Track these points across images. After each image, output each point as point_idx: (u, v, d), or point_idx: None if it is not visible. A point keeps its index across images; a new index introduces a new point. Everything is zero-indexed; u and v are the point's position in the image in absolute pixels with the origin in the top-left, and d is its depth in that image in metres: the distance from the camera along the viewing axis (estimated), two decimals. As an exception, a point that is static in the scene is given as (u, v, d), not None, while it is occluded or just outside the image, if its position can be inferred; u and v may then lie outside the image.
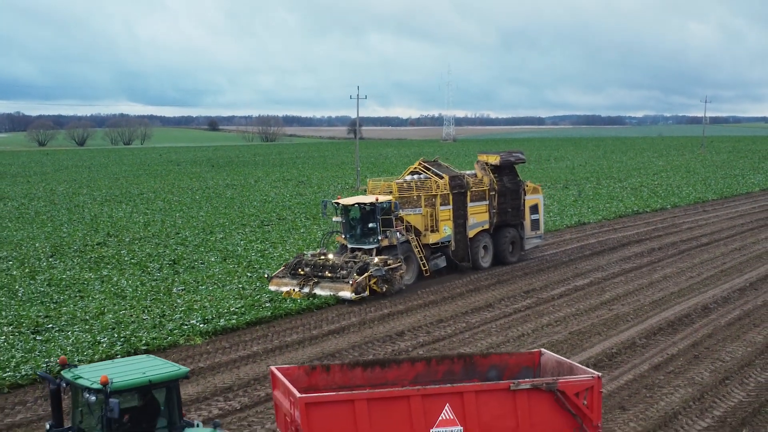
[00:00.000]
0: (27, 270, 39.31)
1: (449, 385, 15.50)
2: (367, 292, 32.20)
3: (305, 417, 14.37)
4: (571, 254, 42.38)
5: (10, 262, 41.68)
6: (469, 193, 38.00)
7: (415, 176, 38.13)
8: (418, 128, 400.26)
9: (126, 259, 41.96)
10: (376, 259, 33.31)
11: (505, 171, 39.94)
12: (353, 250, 35.10)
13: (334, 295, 32.02)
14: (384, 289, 32.77)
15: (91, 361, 24.48)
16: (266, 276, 34.51)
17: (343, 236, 35.87)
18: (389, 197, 35.29)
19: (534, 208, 41.12)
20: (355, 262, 33.27)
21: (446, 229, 37.16)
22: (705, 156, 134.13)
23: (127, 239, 49.06)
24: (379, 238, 34.50)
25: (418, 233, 36.24)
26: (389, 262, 33.25)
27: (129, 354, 24.75)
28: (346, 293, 31.84)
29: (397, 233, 34.97)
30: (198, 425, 14.60)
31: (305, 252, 36.22)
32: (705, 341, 26.25)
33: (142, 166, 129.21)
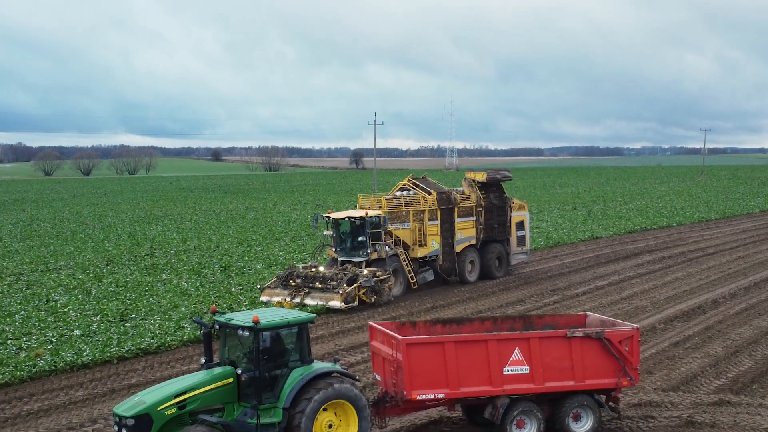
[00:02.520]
0: (91, 275, 42.89)
1: (519, 332, 19.19)
2: (356, 302, 33.30)
3: (406, 355, 17.96)
4: (588, 262, 46.03)
5: (71, 270, 45.25)
6: (456, 209, 39.00)
7: (404, 192, 39.34)
8: (418, 159, 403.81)
9: (179, 266, 45.56)
10: (366, 271, 34.46)
11: (491, 188, 41.05)
12: (343, 262, 36.24)
13: (324, 304, 33.09)
14: (373, 300, 33.92)
15: (182, 340, 28.28)
16: (258, 287, 35.75)
17: (334, 249, 36.94)
18: (378, 212, 36.41)
19: (520, 225, 41.86)
20: (344, 274, 34.37)
21: (434, 244, 38.10)
22: (705, 182, 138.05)
23: (172, 251, 52.64)
24: (369, 251, 35.60)
25: (406, 247, 37.34)
26: (378, 274, 34.43)
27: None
28: (336, 303, 32.88)
29: (386, 247, 36.04)
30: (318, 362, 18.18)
31: (296, 264, 37.54)
32: (716, 326, 29.86)
33: (156, 193, 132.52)
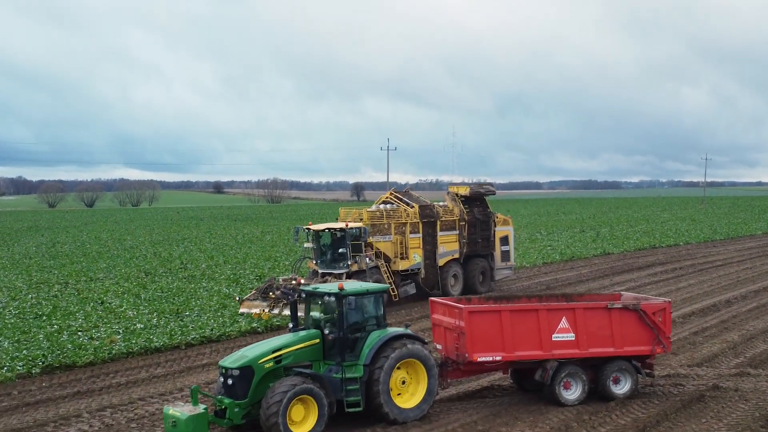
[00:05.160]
0: (134, 284, 45.30)
1: (565, 303, 21.70)
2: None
3: (468, 322, 20.45)
4: (604, 272, 48.59)
5: (112, 280, 47.65)
6: (439, 223, 38.95)
7: (386, 205, 39.53)
8: (418, 192, 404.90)
9: (215, 276, 47.98)
10: None
11: (475, 202, 40.91)
12: (324, 275, 35.76)
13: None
14: None
15: (240, 331, 30.76)
16: (237, 299, 35.84)
17: (315, 261, 36.62)
18: (359, 224, 36.32)
19: (504, 240, 41.89)
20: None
21: (416, 257, 38.01)
22: (707, 210, 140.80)
23: (203, 266, 55.02)
24: (349, 263, 35.20)
25: (387, 260, 37.09)
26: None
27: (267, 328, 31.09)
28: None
29: (367, 259, 35.79)
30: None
31: (276, 277, 37.34)
32: (731, 320, 32.34)
33: (166, 222, 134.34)
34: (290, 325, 20.36)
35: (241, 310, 34.08)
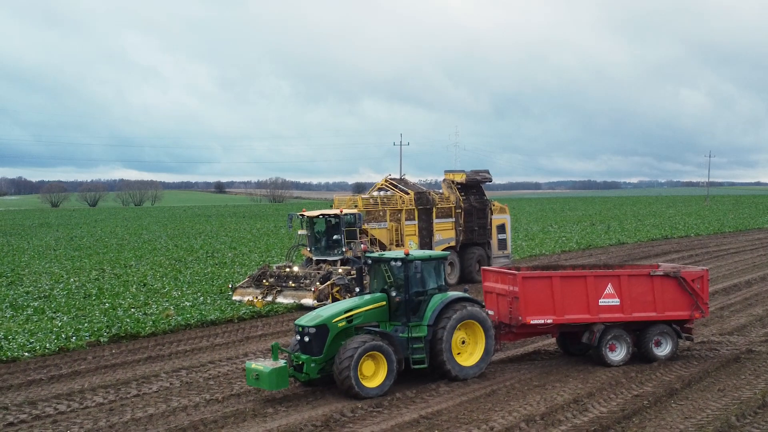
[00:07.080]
0: (169, 269, 46.74)
1: (611, 270, 23.22)
2: (329, 300, 31.45)
3: (522, 286, 21.96)
4: (623, 258, 50.10)
5: (147, 266, 49.07)
6: (435, 210, 38.69)
7: (381, 192, 39.51)
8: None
9: (246, 262, 49.42)
10: (340, 270, 33.52)
11: (471, 190, 40.66)
12: (318, 262, 35.45)
13: (296, 302, 32.30)
14: (346, 298, 33.62)
15: (286, 308, 32.16)
16: (230, 287, 35.49)
17: (309, 248, 36.33)
18: (354, 210, 36.10)
19: (501, 228, 41.47)
20: (318, 272, 33.67)
21: (411, 244, 37.62)
22: (711, 206, 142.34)
23: (230, 254, 56.45)
24: (344, 249, 34.91)
25: (383, 247, 36.86)
26: (352, 272, 32.79)
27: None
28: (308, 300, 31.79)
29: (362, 245, 33.93)
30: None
31: (270, 264, 37.21)
32: (754, 297, 33.87)
33: (175, 218, 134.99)
34: (357, 290, 21.80)
35: (235, 298, 33.96)
